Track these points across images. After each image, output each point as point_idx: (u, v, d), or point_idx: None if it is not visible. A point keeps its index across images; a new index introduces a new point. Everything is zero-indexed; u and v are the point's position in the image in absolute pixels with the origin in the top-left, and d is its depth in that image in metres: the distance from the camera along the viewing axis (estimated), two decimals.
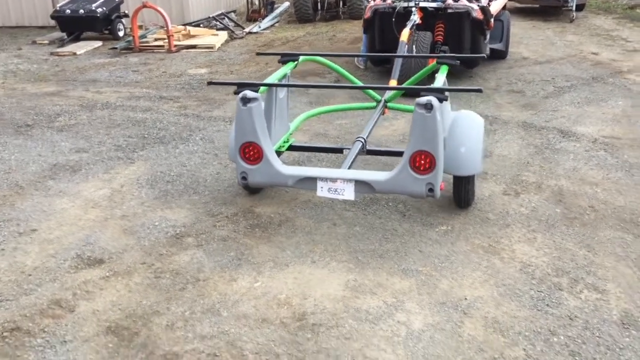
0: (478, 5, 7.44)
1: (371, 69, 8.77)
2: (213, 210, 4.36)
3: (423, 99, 3.66)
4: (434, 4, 7.42)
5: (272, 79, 4.39)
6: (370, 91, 5.45)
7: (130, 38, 11.29)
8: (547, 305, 3.23)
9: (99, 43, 11.72)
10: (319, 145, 4.95)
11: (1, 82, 8.62)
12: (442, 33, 7.56)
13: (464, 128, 4.16)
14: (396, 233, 4.04)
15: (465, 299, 3.31)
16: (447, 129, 4.13)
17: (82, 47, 11.36)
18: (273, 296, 3.33)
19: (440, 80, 4.23)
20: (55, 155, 5.50)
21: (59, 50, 11.07)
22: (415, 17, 7.06)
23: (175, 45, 11.09)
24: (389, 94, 5.24)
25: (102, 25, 12.07)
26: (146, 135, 6.04)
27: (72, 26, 12.02)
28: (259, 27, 13.56)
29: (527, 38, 11.19)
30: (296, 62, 4.79)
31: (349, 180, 3.85)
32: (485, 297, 3.32)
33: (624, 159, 5.22)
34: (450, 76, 7.99)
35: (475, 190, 4.50)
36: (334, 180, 3.86)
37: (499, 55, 9.29)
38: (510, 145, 5.63)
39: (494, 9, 8.48)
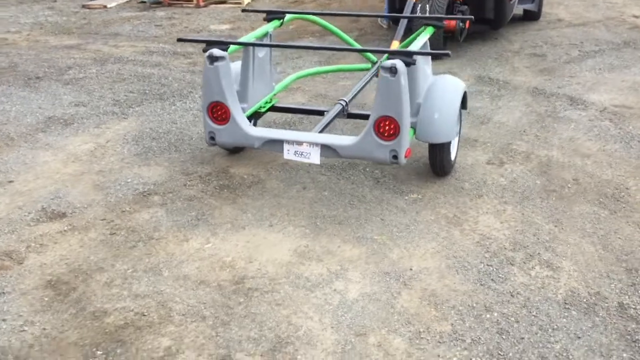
0: None
1: (394, 28, 8.52)
2: (189, 169, 4.37)
3: (388, 63, 3.55)
4: None
5: (250, 37, 4.32)
6: (368, 53, 5.31)
7: None
8: (492, 280, 3.14)
9: None
10: (300, 107, 4.88)
11: (27, 33, 8.77)
12: None
13: (440, 93, 4.02)
14: (364, 199, 3.97)
15: (411, 269, 3.24)
16: (423, 94, 4.00)
17: (114, 0, 11.41)
18: (219, 258, 3.33)
19: (419, 42, 4.08)
20: (54, 108, 5.59)
21: (90, 2, 11.16)
22: None
23: (205, 0, 11.02)
24: (385, 56, 5.09)
25: None
26: (147, 91, 6.07)
27: None
28: None
29: None
30: (281, 21, 4.70)
31: (315, 144, 3.79)
32: (431, 268, 3.25)
33: (628, 130, 4.97)
34: (474, 37, 7.81)
35: (458, 158, 4.37)
36: (300, 143, 3.81)
37: (531, 16, 8.92)
38: (512, 112, 5.43)
39: None
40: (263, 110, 4.56)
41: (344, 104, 4.35)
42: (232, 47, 3.98)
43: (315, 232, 3.61)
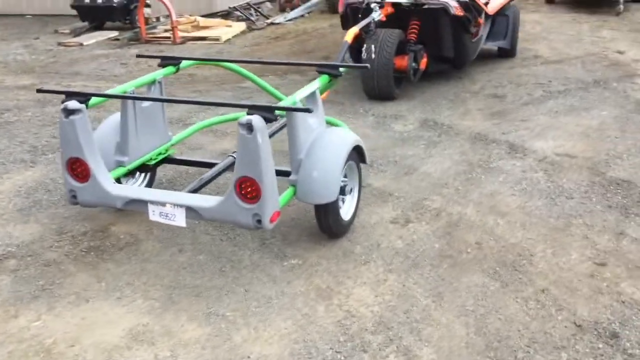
0: (458, 1, 6.75)
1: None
2: (66, 227, 4.07)
3: (244, 118, 3.20)
4: (406, 0, 6.78)
5: (131, 85, 4.01)
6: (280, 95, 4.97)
7: (147, 27, 11.13)
8: None
9: (115, 33, 11.65)
10: (192, 159, 4.55)
11: None
12: (415, 31, 6.93)
13: (322, 149, 3.66)
14: (238, 265, 3.61)
15: (248, 358, 2.86)
16: (305, 149, 3.65)
17: (93, 38, 11.33)
18: (39, 341, 3.00)
19: (303, 92, 3.73)
20: None
21: (67, 40, 11.09)
22: (376, 14, 6.47)
23: (182, 37, 10.86)
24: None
25: (121, 15, 12.00)
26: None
27: (91, 16, 12.03)
28: (285, 17, 13.16)
29: (556, 33, 10.27)
30: (177, 67, 4.40)
31: (179, 206, 3.44)
32: (271, 356, 2.86)
33: (560, 184, 4.54)
34: (437, 76, 7.42)
35: (363, 216, 4.02)
36: (163, 204, 3.47)
37: (505, 53, 8.53)
38: (443, 162, 5.03)
39: (495, 3, 7.74)
40: (152, 163, 4.24)
41: (235, 156, 4.00)
42: (93, 100, 3.68)
43: (165, 306, 3.25)
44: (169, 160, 4.38)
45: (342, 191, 3.86)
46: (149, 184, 4.45)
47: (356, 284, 3.41)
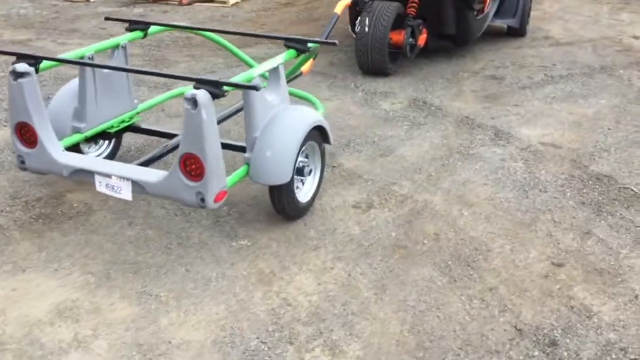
0: None
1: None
2: (23, 191, 4.00)
3: (189, 93, 3.07)
4: None
5: (91, 49, 3.89)
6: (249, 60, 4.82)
7: None
8: None
9: None
10: (156, 129, 4.43)
11: None
12: (415, 5, 6.69)
13: (278, 128, 3.52)
14: (186, 243, 3.51)
15: (170, 342, 2.77)
16: (262, 127, 3.51)
17: None
18: None
19: (264, 66, 3.58)
20: None
21: None
22: None
23: None
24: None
25: None
26: (50, 96, 5.71)
27: None
28: None
29: (573, 13, 9.89)
30: (144, 32, 4.27)
31: (125, 179, 3.34)
32: (193, 343, 2.77)
33: (536, 175, 4.36)
34: (440, 53, 7.18)
35: (326, 197, 3.89)
36: (109, 176, 3.37)
37: (514, 32, 8.22)
38: (421, 145, 4.86)
39: None
40: (113, 130, 4.13)
41: None
42: (44, 63, 3.56)
43: (100, 282, 3.17)
44: (132, 128, 4.26)
45: (301, 172, 3.73)
46: (113, 152, 4.36)
47: (301, 270, 3.29)
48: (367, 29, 6.23)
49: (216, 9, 10.34)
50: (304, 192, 3.81)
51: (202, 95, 3.06)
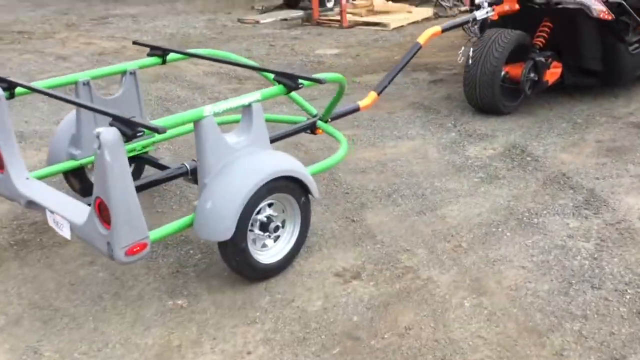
0: (603, 0, 5.36)
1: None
2: (25, 214, 3.94)
3: (97, 130, 2.72)
4: None
5: (88, 74, 3.72)
6: (305, 104, 4.33)
7: (322, 9, 10.88)
8: None
9: (300, 13, 11.56)
10: (160, 162, 4.09)
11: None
12: (545, 34, 5.67)
13: (228, 176, 3.02)
14: (124, 294, 3.18)
15: None
16: (214, 172, 3.05)
17: (274, 16, 11.36)
18: None
19: (231, 102, 3.12)
20: None
21: (246, 17, 11.27)
22: (480, 12, 5.37)
23: (352, 21, 10.44)
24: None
25: None
26: None
27: None
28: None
29: None
30: (163, 59, 4.02)
31: (65, 217, 3.09)
32: None
33: (603, 264, 3.33)
34: (585, 91, 5.95)
35: (311, 259, 3.31)
36: (53, 212, 3.15)
37: None
38: (478, 205, 4.03)
39: None
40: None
41: (189, 166, 3.55)
42: (20, 89, 3.44)
43: (5, 327, 2.93)
44: (139, 158, 4.01)
45: (265, 228, 3.16)
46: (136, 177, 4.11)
47: (213, 350, 2.75)
48: (470, 60, 5.37)
49: (375, 32, 9.95)
50: (273, 251, 3.24)
51: (108, 134, 2.67)
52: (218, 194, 2.96)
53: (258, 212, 3.12)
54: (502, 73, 5.49)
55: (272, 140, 4.00)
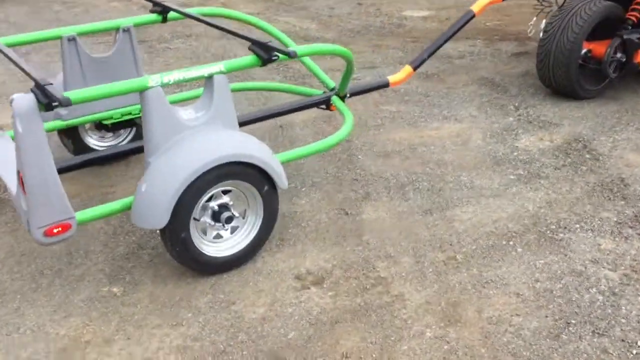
0: None
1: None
2: None
3: (11, 97, 2.47)
4: None
5: (72, 30, 3.48)
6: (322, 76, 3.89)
7: None
8: None
9: None
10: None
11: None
12: None
13: (172, 156, 2.68)
14: (68, 272, 2.96)
15: None
16: (161, 151, 2.73)
17: None
18: None
19: (199, 69, 2.77)
20: None
21: None
22: None
23: None
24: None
25: None
26: None
27: None
28: None
29: None
30: (163, 17, 3.72)
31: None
32: None
33: (620, 302, 2.68)
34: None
35: (278, 255, 2.94)
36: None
37: None
38: (501, 209, 3.44)
39: None
40: (110, 122, 3.70)
41: None
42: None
43: None
44: (133, 123, 3.76)
45: (217, 218, 2.81)
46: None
47: (121, 352, 2.46)
48: (542, 34, 4.64)
49: None
50: (228, 244, 2.88)
51: (21, 101, 2.40)
52: (155, 177, 2.62)
53: (210, 199, 2.75)
54: (584, 51, 4.70)
55: (278, 115, 3.63)
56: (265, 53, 2.82)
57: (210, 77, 2.76)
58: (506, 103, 4.81)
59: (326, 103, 3.71)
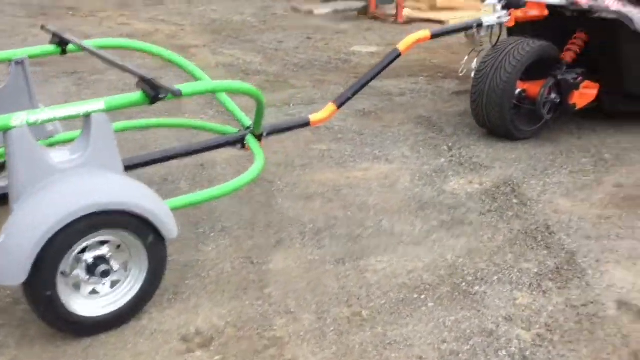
0: None
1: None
2: None
3: None
4: (553, 0, 4.57)
5: None
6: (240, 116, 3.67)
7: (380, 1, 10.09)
8: None
9: (359, 4, 10.78)
10: None
11: (177, 28, 8.66)
12: (577, 49, 4.68)
13: (36, 203, 2.41)
14: None
15: None
16: (26, 196, 2.46)
17: (334, 7, 10.64)
18: None
19: (74, 106, 2.51)
20: None
21: (301, 6, 10.64)
22: (490, 18, 4.46)
23: (409, 17, 9.60)
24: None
25: None
26: None
27: None
28: None
29: None
30: (62, 49, 3.47)
31: None
32: None
33: None
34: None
35: (168, 311, 2.68)
36: None
37: None
38: (418, 258, 3.23)
39: None
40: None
41: None
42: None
43: None
44: None
45: (93, 272, 2.53)
46: None
47: None
48: (473, 73, 4.50)
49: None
50: (106, 301, 2.61)
51: None
52: (15, 226, 2.36)
53: (84, 251, 2.48)
54: (518, 91, 4.57)
55: (184, 155, 3.40)
56: (152, 90, 2.60)
57: (87, 116, 2.52)
58: (440, 143, 4.65)
59: (241, 142, 3.49)
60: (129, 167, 2.89)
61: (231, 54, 7.31)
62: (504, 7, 4.46)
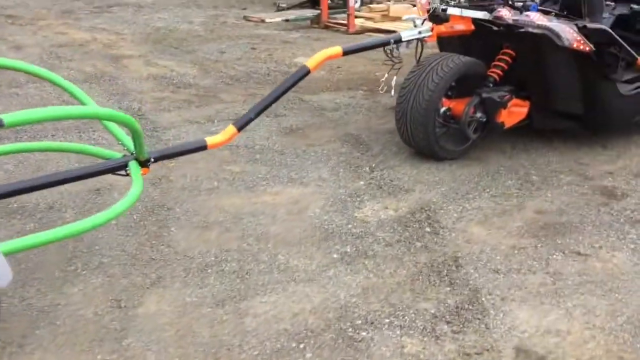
0: (578, 27, 4.10)
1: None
2: None
3: None
4: (477, 14, 4.34)
5: None
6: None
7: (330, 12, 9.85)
8: None
9: (313, 13, 10.53)
10: None
11: (117, 38, 8.34)
12: (504, 65, 4.45)
13: None
14: None
15: None
16: None
17: (285, 15, 10.41)
18: None
19: None
20: None
21: (252, 15, 10.38)
22: (410, 32, 4.21)
23: (361, 27, 9.37)
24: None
25: None
26: None
27: None
28: None
29: None
30: None
31: None
32: None
33: None
34: (570, 136, 4.59)
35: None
36: None
37: None
38: (310, 297, 2.95)
39: None
40: None
41: None
42: None
43: None
44: None
45: None
46: None
47: None
48: (392, 92, 4.24)
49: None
50: None
51: None
52: None
53: None
54: (443, 109, 4.32)
55: (59, 183, 3.09)
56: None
57: None
58: (363, 164, 4.39)
59: (124, 168, 3.19)
60: None
61: (165, 65, 7.02)
62: (428, 21, 4.22)
